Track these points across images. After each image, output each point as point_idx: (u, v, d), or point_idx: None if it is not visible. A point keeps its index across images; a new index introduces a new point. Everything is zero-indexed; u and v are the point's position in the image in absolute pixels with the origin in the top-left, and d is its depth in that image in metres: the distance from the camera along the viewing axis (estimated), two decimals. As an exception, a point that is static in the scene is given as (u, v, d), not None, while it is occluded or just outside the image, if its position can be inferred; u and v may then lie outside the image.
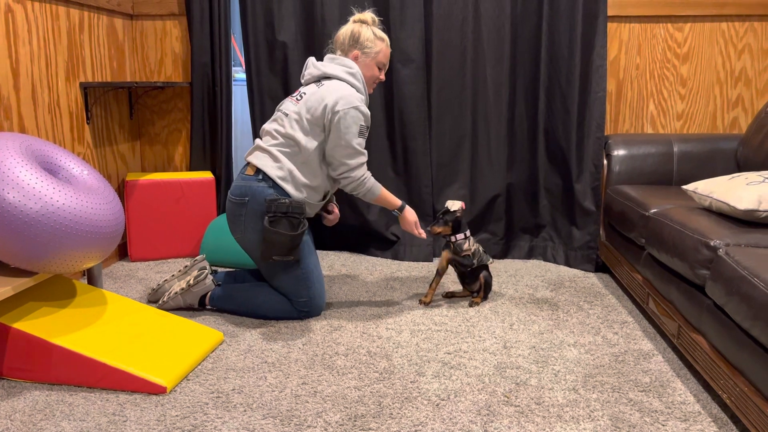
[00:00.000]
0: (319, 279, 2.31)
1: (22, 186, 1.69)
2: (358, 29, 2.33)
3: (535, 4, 2.92)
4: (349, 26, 2.36)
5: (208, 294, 2.33)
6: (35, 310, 1.88)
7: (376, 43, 2.33)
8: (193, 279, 2.32)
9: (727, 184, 2.01)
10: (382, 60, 2.36)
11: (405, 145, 3.06)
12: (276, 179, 2.21)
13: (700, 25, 3.01)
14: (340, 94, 2.21)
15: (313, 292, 2.28)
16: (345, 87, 2.25)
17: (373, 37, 2.33)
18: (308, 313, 2.29)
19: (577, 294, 2.60)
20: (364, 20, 2.37)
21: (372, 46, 2.33)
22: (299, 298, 2.26)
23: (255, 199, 2.21)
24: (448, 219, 2.43)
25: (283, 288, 2.27)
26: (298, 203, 2.19)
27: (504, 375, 1.88)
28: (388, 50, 2.39)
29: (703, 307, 1.77)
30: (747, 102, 3.06)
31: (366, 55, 2.33)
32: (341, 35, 2.37)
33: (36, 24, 2.41)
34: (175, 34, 3.18)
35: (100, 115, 2.88)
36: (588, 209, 2.93)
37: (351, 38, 2.34)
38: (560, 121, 2.97)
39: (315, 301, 2.28)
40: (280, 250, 2.16)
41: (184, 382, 1.83)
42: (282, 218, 2.15)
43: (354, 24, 2.36)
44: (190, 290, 2.32)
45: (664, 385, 1.82)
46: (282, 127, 2.25)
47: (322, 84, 2.27)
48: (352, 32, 2.34)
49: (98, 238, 1.82)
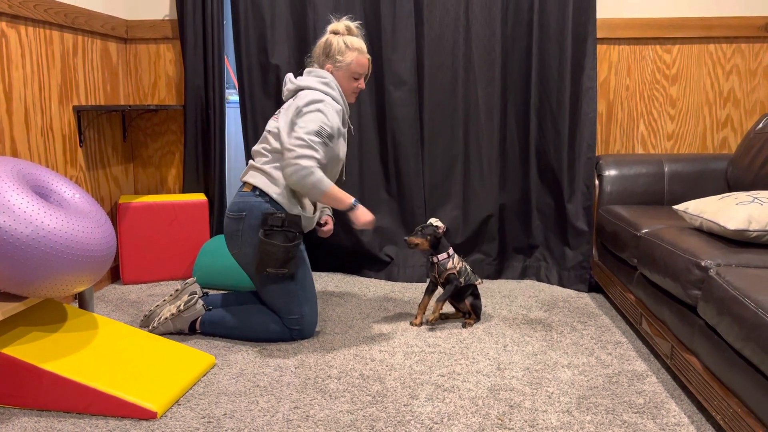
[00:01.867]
0: (312, 297, 2.30)
1: (13, 210, 1.68)
2: (330, 41, 2.31)
3: (525, 27, 2.96)
4: (323, 38, 2.35)
5: (199, 319, 2.32)
6: (25, 335, 1.86)
7: (347, 54, 2.29)
8: (183, 304, 2.30)
9: (717, 204, 2.02)
10: (356, 70, 2.31)
11: (398, 166, 3.07)
12: (273, 195, 2.22)
13: (688, 47, 3.05)
14: (310, 98, 2.21)
15: (305, 309, 2.26)
16: (317, 93, 2.24)
17: (343, 47, 2.29)
18: (300, 331, 2.27)
19: (570, 314, 2.59)
20: (335, 31, 2.33)
21: (342, 59, 2.29)
22: (291, 315, 2.25)
23: (252, 213, 2.22)
24: (427, 232, 2.40)
25: (276, 304, 2.26)
26: (294, 218, 2.20)
27: (498, 397, 1.87)
28: (363, 57, 2.33)
29: (696, 328, 1.77)
30: (736, 122, 3.09)
31: (338, 68, 2.31)
32: (316, 47, 2.36)
33: (30, 48, 2.42)
34: (168, 58, 3.20)
35: (93, 138, 2.89)
36: (580, 229, 2.93)
37: (323, 51, 2.32)
38: (551, 142, 2.99)
39: (306, 319, 2.27)
40: (275, 262, 2.16)
41: (175, 407, 1.81)
42: (278, 232, 2.17)
43: (327, 35, 2.33)
44: (180, 315, 2.30)
45: (658, 406, 1.82)
46: (268, 144, 2.27)
47: (297, 96, 2.28)
48: (324, 44, 2.32)
49: (89, 261, 1.81)
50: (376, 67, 3.03)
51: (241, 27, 3.01)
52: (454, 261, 2.42)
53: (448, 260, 2.42)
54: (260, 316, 2.28)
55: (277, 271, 2.17)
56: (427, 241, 2.40)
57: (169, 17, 3.18)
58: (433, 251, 2.42)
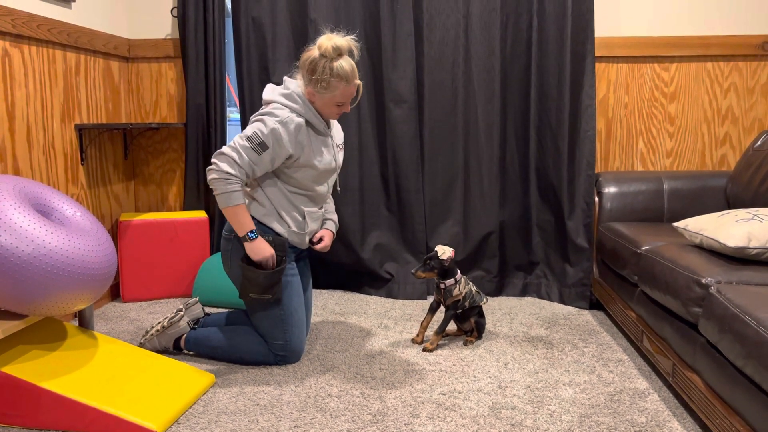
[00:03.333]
0: (299, 324, 2.22)
1: (14, 228, 1.69)
2: (316, 62, 2.06)
3: (524, 45, 2.98)
4: (310, 52, 2.10)
5: (183, 336, 2.30)
6: (24, 354, 1.86)
7: (332, 84, 2.06)
8: (168, 320, 2.29)
9: (717, 221, 2.03)
10: (340, 100, 2.12)
11: (398, 183, 3.08)
12: (258, 217, 2.19)
13: (686, 65, 3.07)
14: (260, 110, 2.13)
15: (289, 335, 2.20)
16: (270, 107, 2.11)
17: (328, 77, 2.05)
18: (285, 358, 2.21)
19: (571, 332, 2.59)
20: (323, 53, 2.05)
21: (324, 90, 2.08)
22: (275, 341, 2.20)
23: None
24: (434, 265, 2.37)
25: (261, 327, 2.21)
26: (281, 240, 2.16)
27: (499, 416, 1.86)
28: (351, 88, 2.10)
29: (697, 345, 1.76)
30: (735, 139, 3.11)
31: (320, 95, 2.11)
32: (302, 59, 2.12)
33: (33, 67, 2.44)
34: (170, 76, 3.23)
35: (94, 156, 2.90)
36: (581, 246, 2.94)
37: (308, 70, 2.09)
38: (551, 160, 3.00)
39: (291, 346, 2.20)
40: (257, 288, 2.13)
41: (175, 425, 1.80)
42: None
43: (315, 53, 2.07)
44: (165, 332, 2.29)
45: (660, 425, 1.81)
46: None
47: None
48: (309, 63, 2.08)
49: (90, 280, 1.81)
50: (377, 85, 3.05)
51: (243, 46, 3.04)
52: (460, 287, 2.40)
53: (455, 286, 2.39)
54: (245, 336, 2.23)
55: (259, 297, 2.14)
56: (435, 272, 2.39)
57: (171, 36, 3.21)
58: (440, 277, 2.41)
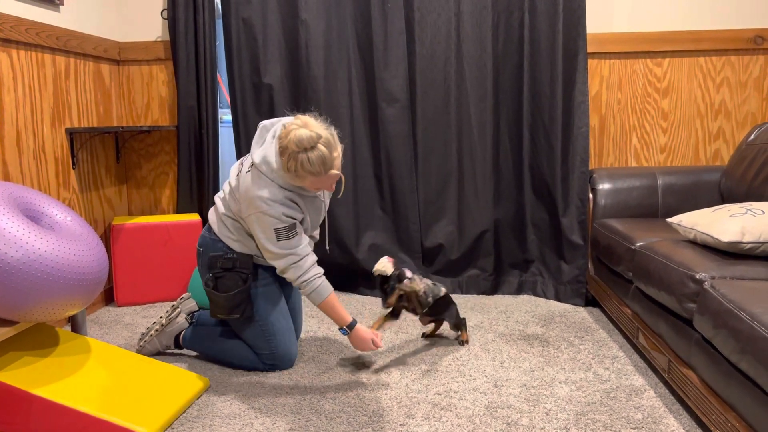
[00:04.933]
0: (282, 331, 2.18)
1: (3, 234, 1.67)
2: (284, 148, 1.94)
3: (516, 43, 2.98)
4: (280, 141, 1.96)
5: (182, 333, 2.30)
6: (15, 360, 1.84)
7: (300, 175, 1.95)
8: (166, 319, 2.29)
9: (710, 216, 2.02)
10: (317, 187, 2.01)
11: (392, 183, 3.07)
12: (221, 237, 2.13)
13: (678, 60, 3.07)
14: (250, 196, 1.99)
15: (274, 344, 2.17)
16: (258, 185, 1.99)
17: (293, 172, 1.95)
18: (274, 366, 2.19)
19: (567, 329, 2.58)
20: (288, 146, 1.91)
21: (294, 179, 1.98)
22: (261, 351, 2.18)
23: (206, 251, 2.16)
24: (393, 284, 2.22)
25: (246, 340, 2.20)
26: (245, 257, 2.12)
27: (495, 415, 1.85)
28: (323, 179, 1.97)
29: (692, 341, 1.76)
30: (728, 134, 3.11)
31: (294, 181, 2.00)
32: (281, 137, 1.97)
33: (21, 71, 2.43)
34: (161, 79, 3.21)
35: (86, 160, 2.88)
36: (575, 243, 2.93)
37: (280, 152, 1.96)
38: (545, 157, 2.99)
39: (278, 354, 2.17)
40: (222, 310, 2.12)
41: (169, 430, 1.79)
42: (230, 272, 2.11)
43: (279, 144, 1.96)
44: (164, 331, 2.29)
45: (657, 421, 1.80)
46: (227, 194, 2.15)
47: (244, 181, 2.04)
48: (281, 147, 1.95)
49: (81, 285, 1.80)
50: (369, 84, 3.04)
51: (234, 47, 3.02)
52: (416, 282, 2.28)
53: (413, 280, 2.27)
54: (235, 341, 2.22)
55: (226, 317, 2.13)
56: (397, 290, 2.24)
57: (162, 38, 3.19)
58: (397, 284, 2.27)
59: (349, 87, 3.04)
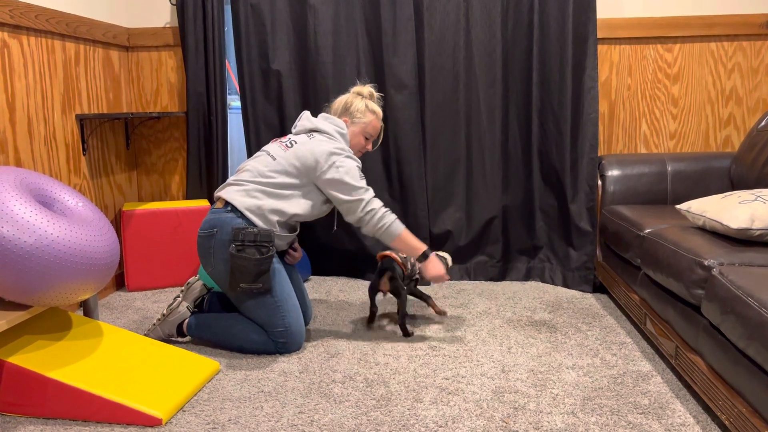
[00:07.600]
0: (295, 308, 2.24)
1: (16, 220, 1.69)
2: (352, 100, 2.43)
3: (526, 28, 2.96)
4: (345, 96, 2.46)
5: (185, 321, 2.32)
6: (30, 344, 1.87)
7: (366, 115, 2.42)
8: (167, 308, 2.31)
9: (720, 203, 2.02)
10: (369, 131, 2.44)
11: (400, 169, 3.07)
12: (244, 211, 2.20)
13: (689, 46, 3.04)
14: (331, 148, 2.26)
15: (288, 320, 2.21)
16: (335, 142, 2.30)
17: (364, 108, 2.42)
18: (285, 344, 2.21)
19: (575, 315, 2.59)
20: (360, 93, 2.46)
21: (361, 117, 2.41)
22: (275, 328, 2.20)
23: (223, 229, 2.18)
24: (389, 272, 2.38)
25: (259, 319, 2.22)
26: (267, 232, 2.16)
27: (502, 400, 1.86)
28: (379, 124, 2.46)
29: (700, 327, 1.76)
30: (739, 120, 3.08)
31: (354, 123, 2.41)
32: (336, 102, 2.47)
33: (32, 58, 2.44)
34: (170, 65, 3.22)
35: (96, 147, 2.90)
36: (584, 230, 2.93)
37: (344, 107, 2.43)
38: (554, 143, 2.98)
39: (292, 330, 2.21)
40: (247, 277, 2.14)
41: (180, 413, 1.82)
42: (250, 246, 2.14)
43: (350, 95, 2.46)
44: (166, 320, 2.31)
45: (663, 406, 1.81)
46: (265, 167, 2.25)
47: (313, 136, 2.31)
48: (345, 102, 2.44)
49: (93, 270, 1.82)
50: (378, 70, 3.04)
51: (242, 33, 3.02)
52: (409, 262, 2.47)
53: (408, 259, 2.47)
54: (245, 325, 2.23)
55: (250, 286, 2.15)
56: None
57: (171, 24, 3.19)
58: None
59: (358, 73, 3.03)
